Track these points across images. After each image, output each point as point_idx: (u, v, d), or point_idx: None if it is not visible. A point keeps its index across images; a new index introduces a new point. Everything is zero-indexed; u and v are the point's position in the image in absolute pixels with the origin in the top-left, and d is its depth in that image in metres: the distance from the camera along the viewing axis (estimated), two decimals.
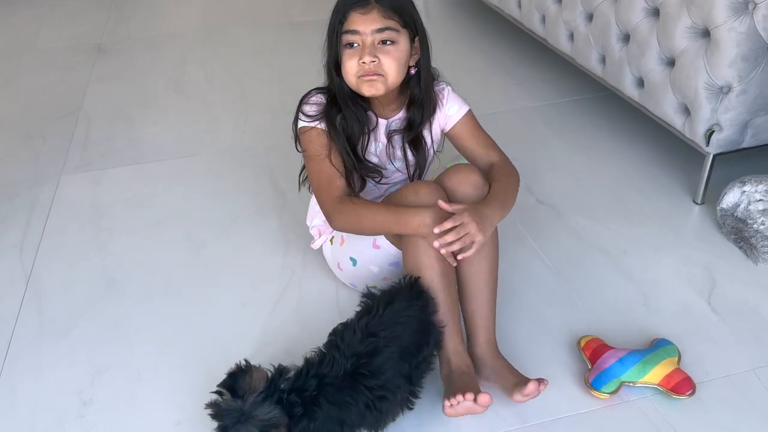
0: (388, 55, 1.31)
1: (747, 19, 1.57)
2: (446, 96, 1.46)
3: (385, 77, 1.32)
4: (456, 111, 1.46)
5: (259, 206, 1.91)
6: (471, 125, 1.48)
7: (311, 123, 1.40)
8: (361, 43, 1.30)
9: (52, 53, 2.98)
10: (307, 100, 1.42)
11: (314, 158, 1.39)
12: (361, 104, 1.40)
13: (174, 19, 3.34)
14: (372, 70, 1.30)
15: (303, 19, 3.25)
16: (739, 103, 1.66)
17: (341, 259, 1.52)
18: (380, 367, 1.16)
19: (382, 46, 1.31)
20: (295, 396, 1.11)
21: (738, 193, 1.72)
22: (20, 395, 1.38)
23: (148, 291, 1.63)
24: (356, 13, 1.29)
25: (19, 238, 1.82)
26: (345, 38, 1.31)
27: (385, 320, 1.20)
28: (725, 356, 1.40)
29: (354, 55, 1.31)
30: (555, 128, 2.24)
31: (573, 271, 1.64)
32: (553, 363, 1.39)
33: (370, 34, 1.29)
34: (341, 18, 1.31)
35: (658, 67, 1.84)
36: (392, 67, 1.32)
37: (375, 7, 1.29)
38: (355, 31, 1.30)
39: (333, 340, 1.22)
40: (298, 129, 1.43)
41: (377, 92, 1.34)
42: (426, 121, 1.44)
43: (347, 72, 1.33)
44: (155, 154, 2.20)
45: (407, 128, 1.44)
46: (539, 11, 2.41)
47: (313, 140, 1.39)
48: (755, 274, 1.62)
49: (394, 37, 1.31)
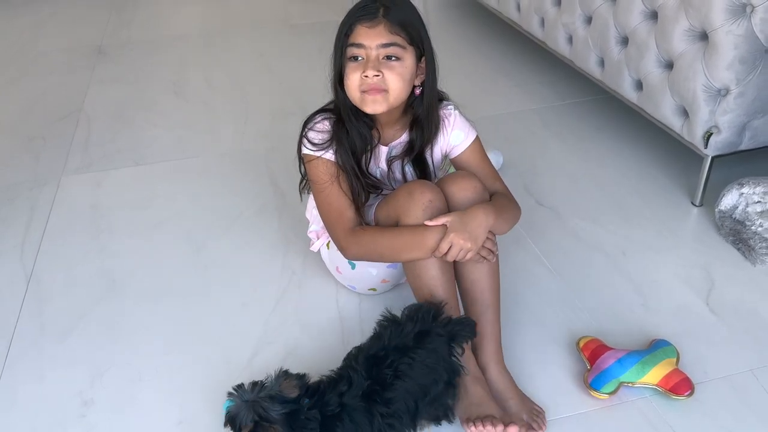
0: (393, 70, 1.28)
1: (744, 22, 1.57)
2: (452, 122, 1.41)
3: (388, 93, 1.29)
4: (462, 140, 1.42)
5: (259, 207, 1.92)
6: (477, 155, 1.44)
7: (317, 152, 1.36)
8: (366, 57, 1.27)
9: (53, 56, 2.99)
10: (313, 126, 1.38)
11: (322, 188, 1.37)
12: (364, 120, 1.37)
13: (174, 22, 3.35)
14: (375, 84, 1.27)
15: (303, 21, 3.26)
16: (737, 106, 1.67)
17: (339, 262, 1.52)
18: (392, 398, 1.16)
19: (386, 61, 1.27)
20: (316, 412, 1.12)
21: (736, 195, 1.73)
22: (21, 395, 1.38)
23: (149, 292, 1.64)
24: (362, 26, 1.27)
25: (19, 240, 1.83)
26: (350, 51, 1.29)
27: (414, 357, 1.17)
28: (724, 357, 1.41)
29: (357, 69, 1.28)
30: (554, 130, 2.25)
31: (572, 273, 1.64)
32: (552, 363, 1.40)
33: (375, 48, 1.26)
34: (347, 30, 1.28)
35: (656, 69, 1.85)
36: (396, 83, 1.28)
37: (382, 21, 1.26)
38: (360, 45, 1.27)
39: (350, 363, 1.21)
40: (303, 155, 1.40)
41: (379, 109, 1.31)
42: (427, 143, 1.41)
43: (349, 86, 1.30)
44: (155, 155, 2.20)
45: (409, 150, 1.41)
46: (538, 14, 2.42)
47: (320, 170, 1.37)
48: (753, 275, 1.62)
49: (400, 53, 1.28)
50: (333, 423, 1.13)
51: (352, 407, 1.14)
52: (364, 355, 1.20)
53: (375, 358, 1.18)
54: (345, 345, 1.46)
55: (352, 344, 1.45)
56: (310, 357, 1.44)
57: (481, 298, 1.34)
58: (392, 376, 1.16)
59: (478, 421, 1.21)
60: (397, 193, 1.35)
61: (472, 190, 1.35)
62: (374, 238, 1.33)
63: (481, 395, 1.26)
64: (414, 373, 1.17)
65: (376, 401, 1.15)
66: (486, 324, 1.33)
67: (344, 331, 1.50)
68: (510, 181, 1.93)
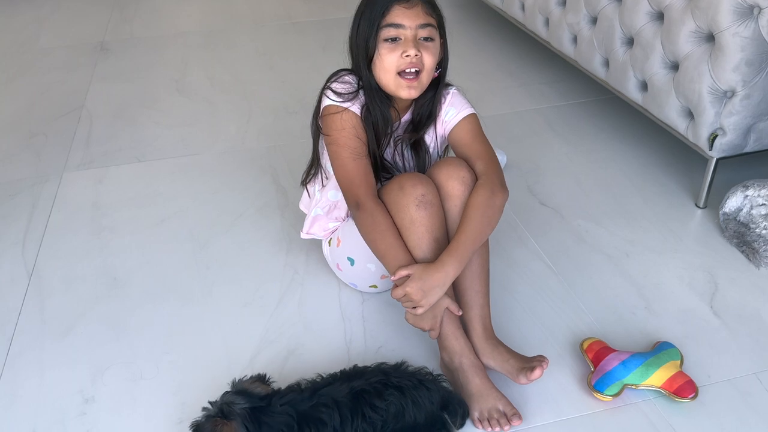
0: (428, 51, 1.29)
1: (752, 23, 1.57)
2: (448, 100, 1.42)
3: (422, 74, 1.30)
4: (453, 115, 1.41)
5: (261, 206, 1.91)
6: (468, 132, 1.40)
7: (343, 103, 1.33)
8: (404, 37, 1.28)
9: (55, 53, 2.98)
10: (338, 78, 1.36)
11: (345, 145, 1.31)
12: (387, 102, 1.36)
13: (176, 20, 3.34)
14: (414, 63, 1.28)
15: (305, 19, 3.25)
16: (743, 108, 1.66)
17: (339, 260, 1.52)
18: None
19: (423, 42, 1.29)
20: (288, 407, 1.14)
21: (741, 197, 1.72)
22: (22, 393, 1.37)
23: (150, 289, 1.63)
24: (400, 6, 1.27)
25: (21, 236, 1.82)
26: (386, 32, 1.28)
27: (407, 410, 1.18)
28: (727, 360, 1.40)
29: (395, 49, 1.28)
30: (558, 131, 2.25)
31: (575, 274, 1.64)
32: (555, 365, 1.39)
33: (415, 28, 1.28)
34: (383, 10, 1.28)
35: (662, 70, 1.84)
36: (430, 63, 1.30)
37: (419, 3, 1.28)
38: (400, 25, 1.27)
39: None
40: (324, 108, 1.35)
41: (414, 95, 1.32)
42: (430, 123, 1.42)
43: (385, 67, 1.29)
44: (157, 153, 2.20)
45: (412, 131, 1.42)
46: (543, 14, 2.42)
47: (345, 124, 1.32)
48: (757, 278, 1.62)
49: (434, 34, 1.31)
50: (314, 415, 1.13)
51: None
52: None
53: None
54: (347, 344, 1.46)
55: (354, 343, 1.46)
56: (312, 356, 1.43)
57: (471, 285, 1.35)
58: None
59: (486, 421, 1.24)
60: (389, 187, 1.33)
61: (460, 181, 1.32)
62: (378, 223, 1.29)
63: (481, 385, 1.27)
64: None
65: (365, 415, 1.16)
66: (475, 307, 1.34)
67: (347, 330, 1.50)
68: (513, 181, 1.94)
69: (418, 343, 1.43)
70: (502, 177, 1.35)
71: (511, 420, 1.24)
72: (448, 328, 1.31)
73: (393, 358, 1.36)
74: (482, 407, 1.26)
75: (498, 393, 1.27)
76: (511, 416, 1.24)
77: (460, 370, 1.29)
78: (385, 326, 1.50)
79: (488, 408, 1.25)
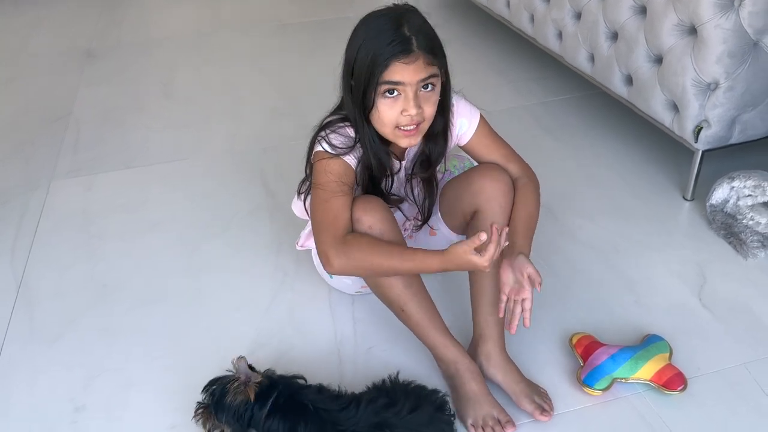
0: (429, 101, 1.24)
1: (733, 15, 1.58)
2: (457, 111, 1.37)
3: (423, 123, 1.26)
4: (467, 127, 1.39)
5: (251, 209, 1.91)
6: (486, 138, 1.40)
7: (336, 152, 1.28)
8: (404, 93, 1.21)
9: (42, 58, 2.98)
10: (335, 128, 1.30)
11: (326, 192, 1.26)
12: (385, 150, 1.32)
13: (164, 23, 3.34)
14: (415, 120, 1.23)
15: (295, 21, 3.25)
16: (727, 100, 1.67)
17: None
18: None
19: (423, 92, 1.23)
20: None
21: (727, 189, 1.73)
22: (12, 401, 1.37)
23: (140, 295, 1.63)
24: (399, 62, 1.18)
25: (9, 244, 1.82)
26: (384, 87, 1.21)
27: (405, 423, 1.18)
28: (716, 351, 1.41)
29: (394, 105, 1.22)
30: (545, 127, 2.25)
31: (564, 268, 1.64)
32: (545, 360, 1.40)
33: (415, 84, 1.20)
34: (382, 70, 1.19)
35: (646, 64, 1.85)
36: (431, 112, 1.25)
37: (419, 55, 1.19)
38: (399, 82, 1.20)
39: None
40: (316, 153, 1.30)
41: (414, 143, 1.28)
42: (442, 157, 1.39)
43: (383, 121, 1.24)
44: (146, 158, 2.19)
45: (424, 165, 1.38)
46: (528, 10, 2.42)
47: (334, 172, 1.27)
48: (745, 269, 1.62)
49: (435, 81, 1.25)
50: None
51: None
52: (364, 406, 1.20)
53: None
54: (338, 346, 1.46)
55: (344, 345, 1.46)
56: (303, 358, 1.43)
57: (481, 284, 1.35)
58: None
59: (480, 428, 1.25)
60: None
61: (501, 191, 1.34)
62: (371, 244, 1.25)
63: (477, 391, 1.27)
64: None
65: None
66: (493, 324, 1.34)
67: (337, 331, 1.50)
68: None
69: (408, 344, 1.43)
70: (532, 171, 1.43)
71: (505, 427, 1.24)
72: (438, 339, 1.31)
73: (383, 358, 1.36)
74: (477, 414, 1.26)
75: (493, 400, 1.28)
76: (505, 423, 1.25)
77: (456, 375, 1.30)
78: (376, 327, 1.50)
79: (483, 415, 1.25)
